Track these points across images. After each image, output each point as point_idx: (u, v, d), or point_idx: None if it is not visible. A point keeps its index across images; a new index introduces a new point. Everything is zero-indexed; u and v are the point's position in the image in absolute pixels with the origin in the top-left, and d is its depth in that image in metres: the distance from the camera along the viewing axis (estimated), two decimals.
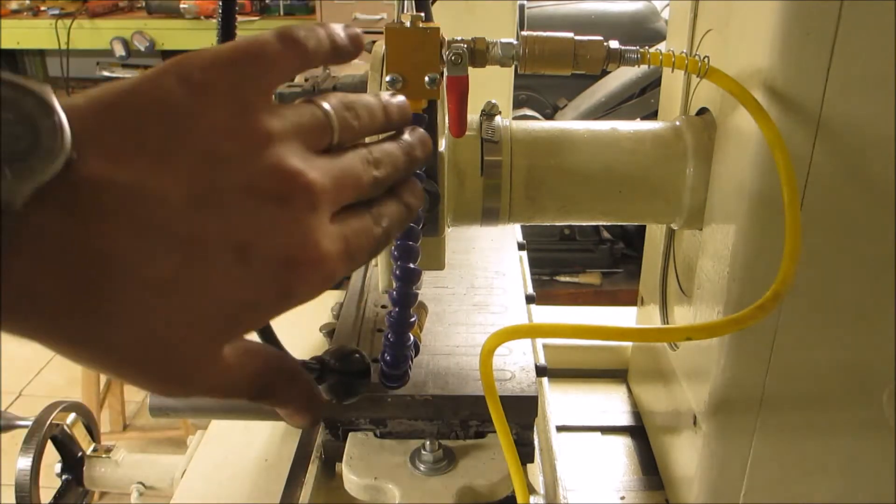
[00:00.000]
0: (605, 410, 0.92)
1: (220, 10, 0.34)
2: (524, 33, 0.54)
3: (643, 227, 0.88)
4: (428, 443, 0.59)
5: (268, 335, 0.44)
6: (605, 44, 0.54)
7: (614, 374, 0.98)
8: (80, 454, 0.78)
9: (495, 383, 0.55)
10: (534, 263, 1.00)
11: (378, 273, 0.61)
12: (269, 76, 0.32)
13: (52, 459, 0.75)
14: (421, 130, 0.41)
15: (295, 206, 0.31)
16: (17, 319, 0.26)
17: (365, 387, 0.52)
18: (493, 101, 0.64)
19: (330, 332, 0.73)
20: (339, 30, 0.36)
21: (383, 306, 0.75)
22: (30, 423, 0.74)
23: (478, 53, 0.53)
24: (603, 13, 2.05)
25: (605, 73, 1.16)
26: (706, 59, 0.55)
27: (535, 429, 0.64)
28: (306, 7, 3.14)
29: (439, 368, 0.64)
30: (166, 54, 3.44)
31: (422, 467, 0.59)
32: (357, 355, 0.52)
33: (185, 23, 3.02)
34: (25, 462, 0.71)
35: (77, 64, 3.37)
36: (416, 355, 0.63)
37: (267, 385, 0.36)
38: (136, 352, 0.28)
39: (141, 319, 0.28)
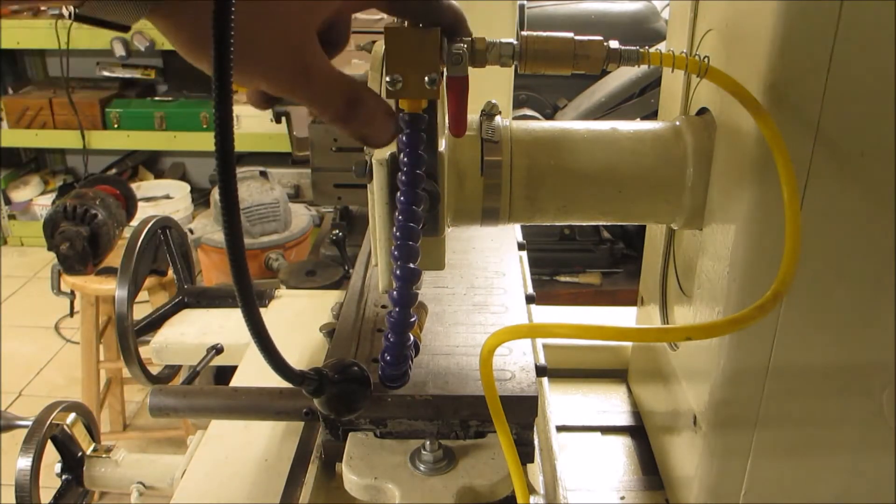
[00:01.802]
0: (605, 410, 0.92)
1: (215, 12, 0.34)
2: (524, 33, 0.54)
3: (643, 227, 0.88)
4: (428, 443, 0.59)
5: (269, 348, 0.43)
6: (605, 44, 0.54)
7: (614, 374, 0.98)
8: (80, 454, 0.78)
9: (495, 383, 0.55)
10: (534, 263, 1.00)
11: (378, 273, 0.61)
12: None
13: (52, 459, 0.75)
14: None
15: None
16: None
17: (365, 401, 0.52)
18: (493, 101, 0.64)
19: (330, 332, 0.73)
20: None
21: (383, 306, 0.75)
22: (30, 423, 0.74)
23: (478, 53, 0.53)
24: (603, 13, 2.05)
25: (605, 73, 1.16)
26: (706, 59, 0.55)
27: (535, 429, 0.64)
28: None
29: (439, 368, 0.64)
30: (166, 54, 3.44)
31: (422, 467, 0.59)
32: (356, 368, 0.52)
33: None
34: (25, 462, 0.71)
35: (77, 64, 3.37)
36: (416, 355, 0.63)
37: (358, 96, 0.47)
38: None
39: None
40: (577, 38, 0.54)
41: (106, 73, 3.45)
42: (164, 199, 3.09)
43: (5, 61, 3.48)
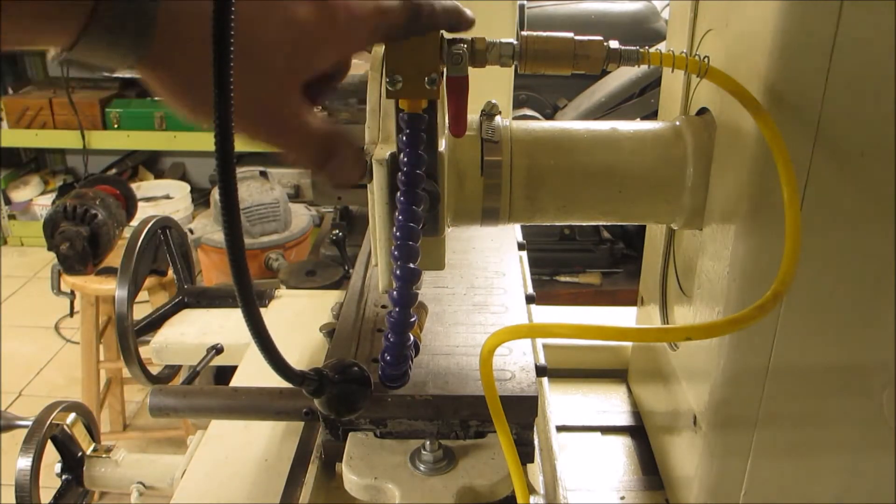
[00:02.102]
0: (605, 410, 0.92)
1: (215, 11, 0.34)
2: (524, 33, 0.54)
3: (643, 227, 0.88)
4: (428, 443, 0.59)
5: (269, 348, 0.43)
6: (605, 44, 0.54)
7: (614, 374, 0.98)
8: (80, 454, 0.78)
9: (495, 383, 0.55)
10: (534, 263, 1.00)
11: (378, 273, 0.61)
12: None
13: (52, 459, 0.75)
14: None
15: None
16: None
17: (365, 401, 0.52)
18: (493, 101, 0.64)
19: (330, 332, 0.73)
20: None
21: (383, 306, 0.75)
22: (30, 423, 0.74)
23: (478, 53, 0.53)
24: (603, 13, 2.05)
25: (605, 73, 1.16)
26: (706, 59, 0.55)
27: (535, 429, 0.64)
28: None
29: (439, 368, 0.64)
30: None
31: (422, 467, 0.59)
32: (356, 368, 0.52)
33: None
34: (25, 462, 0.71)
35: None
36: (416, 355, 0.62)
37: (332, 147, 0.48)
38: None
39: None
40: (577, 38, 0.54)
41: (106, 73, 3.44)
42: (164, 199, 3.09)
43: (5, 61, 3.48)
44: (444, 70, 0.52)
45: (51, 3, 0.35)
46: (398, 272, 0.54)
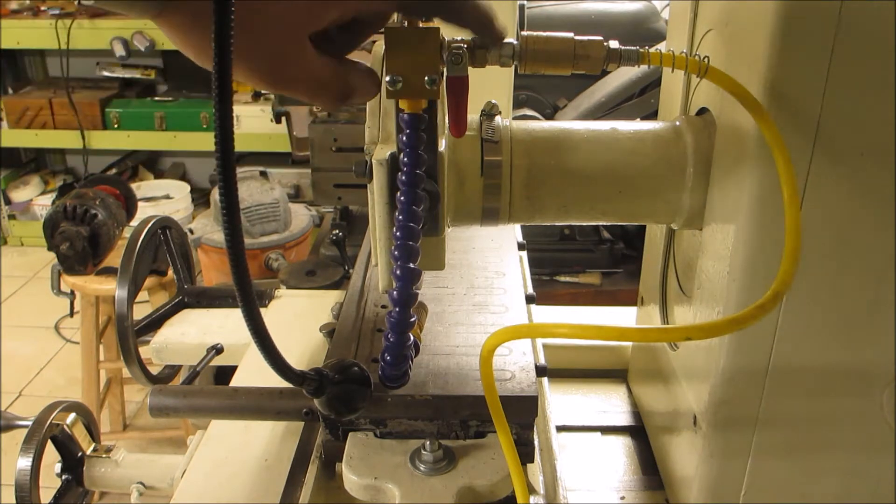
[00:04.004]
0: (605, 410, 0.92)
1: (215, 12, 0.34)
2: (524, 33, 0.54)
3: (643, 227, 0.88)
4: (428, 443, 0.59)
5: (269, 348, 0.43)
6: (605, 44, 0.54)
7: (614, 374, 0.98)
8: (80, 454, 0.78)
9: (495, 383, 0.55)
10: (534, 263, 1.00)
11: (378, 273, 0.61)
12: None
13: (52, 459, 0.75)
14: None
15: None
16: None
17: (365, 401, 0.52)
18: (493, 101, 0.64)
19: (330, 332, 0.73)
20: None
21: (383, 306, 0.75)
22: (30, 423, 0.74)
23: (478, 53, 0.53)
24: (603, 13, 2.05)
25: (605, 73, 1.16)
26: (706, 59, 0.55)
27: (535, 429, 0.64)
28: None
29: (439, 368, 0.64)
30: (166, 54, 3.44)
31: (422, 467, 0.59)
32: (356, 368, 0.52)
33: None
34: (25, 462, 0.71)
35: (77, 64, 3.37)
36: (416, 355, 0.63)
37: (348, 86, 0.49)
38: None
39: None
40: (577, 38, 0.54)
41: (106, 73, 3.44)
42: (164, 199, 3.09)
43: (5, 61, 3.48)
44: (444, 70, 0.52)
45: None
46: (398, 272, 0.54)
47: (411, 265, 0.54)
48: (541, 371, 0.68)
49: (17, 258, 3.53)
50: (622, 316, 1.06)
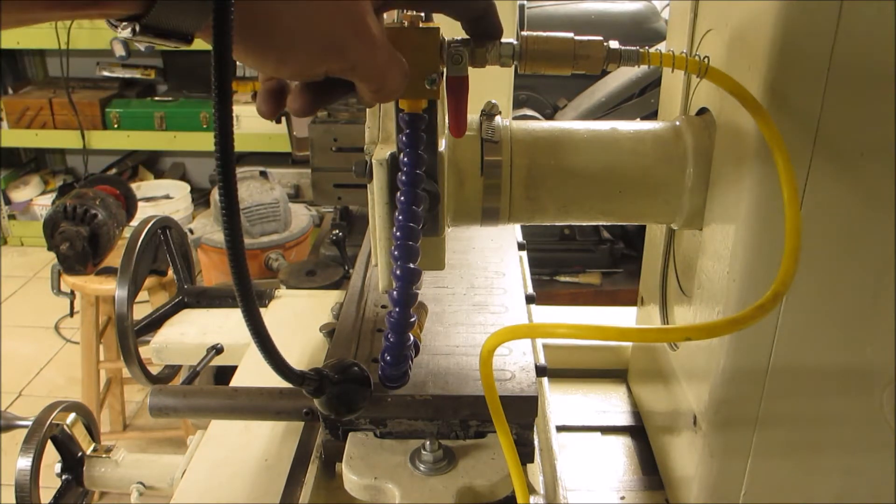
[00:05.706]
0: (605, 410, 0.92)
1: (215, 11, 0.33)
2: (524, 33, 0.54)
3: (643, 227, 0.88)
4: (428, 443, 0.59)
5: (269, 348, 0.43)
6: (605, 44, 0.54)
7: (614, 374, 0.98)
8: (80, 454, 0.78)
9: (495, 383, 0.55)
10: (534, 263, 1.00)
11: (378, 273, 0.61)
12: None
13: (52, 459, 0.75)
14: None
15: None
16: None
17: (365, 401, 0.52)
18: (493, 101, 0.64)
19: (330, 332, 0.73)
20: None
21: (383, 306, 0.75)
22: (30, 423, 0.74)
23: (478, 53, 0.53)
24: (603, 13, 2.05)
25: (605, 73, 1.16)
26: (706, 59, 0.55)
27: (535, 429, 0.64)
28: None
29: (439, 368, 0.64)
30: (166, 54, 3.44)
31: (422, 467, 0.59)
32: (356, 368, 0.52)
33: None
34: (25, 462, 0.71)
35: (77, 64, 3.37)
36: (416, 355, 0.63)
37: (405, 69, 0.46)
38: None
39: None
40: (577, 38, 0.54)
41: (106, 73, 3.44)
42: (164, 199, 3.09)
43: (5, 61, 3.48)
44: (444, 70, 0.52)
45: None
46: (398, 272, 0.54)
47: (411, 265, 0.54)
48: (541, 371, 0.68)
49: (17, 258, 3.53)
50: (622, 316, 1.06)
